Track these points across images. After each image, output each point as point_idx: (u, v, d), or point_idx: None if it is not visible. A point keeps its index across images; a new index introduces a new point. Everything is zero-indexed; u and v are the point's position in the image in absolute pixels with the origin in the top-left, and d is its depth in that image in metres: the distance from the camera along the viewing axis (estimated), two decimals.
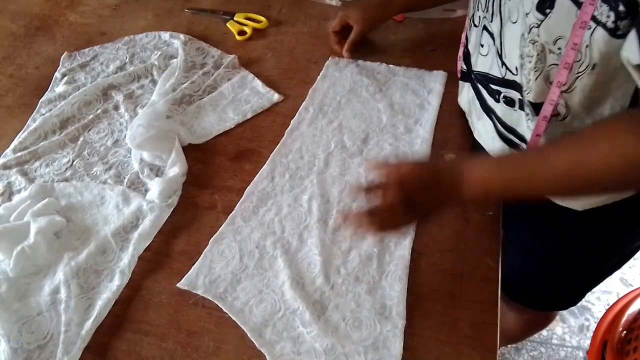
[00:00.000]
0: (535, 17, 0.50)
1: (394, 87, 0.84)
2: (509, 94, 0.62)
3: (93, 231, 0.68)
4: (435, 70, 0.86)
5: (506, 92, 0.62)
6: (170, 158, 0.74)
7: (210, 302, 0.62)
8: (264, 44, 0.95)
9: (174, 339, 0.60)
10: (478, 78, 0.68)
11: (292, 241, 0.66)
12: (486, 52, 0.64)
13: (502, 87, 0.63)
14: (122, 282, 0.63)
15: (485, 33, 0.63)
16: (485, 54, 0.64)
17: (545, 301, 0.90)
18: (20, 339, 0.59)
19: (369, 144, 0.76)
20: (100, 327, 0.60)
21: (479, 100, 0.70)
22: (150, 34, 0.97)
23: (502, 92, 0.63)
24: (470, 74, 0.71)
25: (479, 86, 0.68)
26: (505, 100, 0.63)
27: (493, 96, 0.65)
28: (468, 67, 0.71)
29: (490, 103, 0.67)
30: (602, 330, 1.06)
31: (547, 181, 0.51)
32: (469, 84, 0.73)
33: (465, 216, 0.67)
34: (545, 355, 1.33)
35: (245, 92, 0.86)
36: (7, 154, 0.79)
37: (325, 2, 1.03)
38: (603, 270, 0.81)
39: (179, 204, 0.71)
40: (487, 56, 0.64)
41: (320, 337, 0.57)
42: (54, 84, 0.89)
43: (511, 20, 0.56)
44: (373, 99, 0.82)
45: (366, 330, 0.58)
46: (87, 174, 0.76)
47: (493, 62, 0.62)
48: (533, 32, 0.51)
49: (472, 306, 0.60)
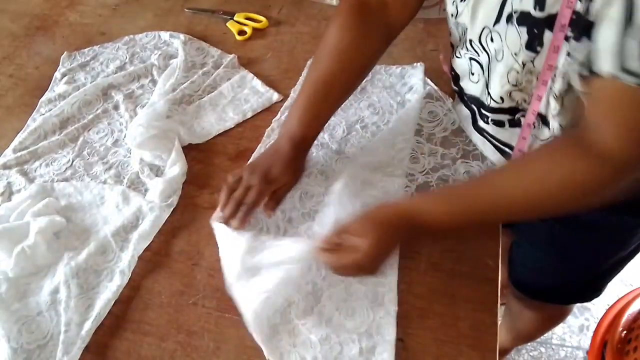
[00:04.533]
0: (526, 55, 0.53)
1: (375, 86, 0.84)
2: (497, 117, 0.64)
3: (93, 231, 0.68)
4: (415, 64, 0.86)
5: (494, 116, 0.64)
6: (170, 158, 0.74)
7: (210, 302, 0.62)
8: (264, 43, 0.95)
9: (174, 339, 0.60)
10: (470, 100, 0.68)
11: (279, 234, 0.66)
12: (477, 79, 0.64)
13: (490, 112, 0.64)
14: (122, 282, 0.63)
15: (475, 63, 0.63)
16: (476, 82, 0.64)
17: (567, 295, 0.89)
18: (20, 339, 0.59)
19: (350, 141, 0.77)
20: (100, 327, 0.60)
21: (472, 119, 0.71)
22: (150, 34, 0.97)
23: (489, 116, 0.65)
24: (462, 95, 0.71)
25: (472, 106, 0.69)
26: (494, 122, 0.65)
27: (482, 119, 0.67)
28: (460, 89, 0.71)
29: (480, 124, 0.69)
30: (602, 330, 1.06)
31: (488, 208, 0.54)
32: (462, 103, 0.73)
33: None
34: (545, 355, 1.33)
35: (245, 92, 0.86)
36: (7, 154, 0.79)
37: (325, 2, 1.03)
38: (623, 257, 0.80)
39: (179, 204, 0.71)
40: (477, 83, 0.64)
41: (315, 327, 0.58)
42: (54, 84, 0.89)
43: (497, 59, 0.57)
44: (354, 98, 0.82)
45: (359, 318, 0.59)
46: (87, 174, 0.76)
47: (483, 90, 0.63)
48: (527, 66, 0.54)
49: (472, 306, 0.60)
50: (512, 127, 0.63)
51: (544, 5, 0.48)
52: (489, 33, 0.56)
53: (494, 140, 0.68)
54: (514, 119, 0.62)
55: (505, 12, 0.53)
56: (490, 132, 0.67)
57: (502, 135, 0.66)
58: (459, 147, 0.74)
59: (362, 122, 0.79)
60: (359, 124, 0.79)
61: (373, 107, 0.81)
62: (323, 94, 0.67)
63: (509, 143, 0.66)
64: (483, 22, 0.56)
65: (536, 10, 0.49)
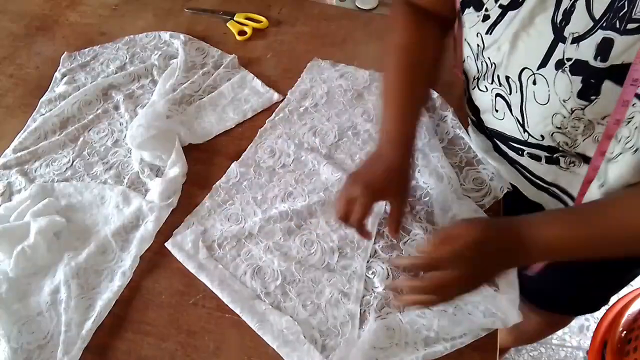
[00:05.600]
0: (577, 102, 0.50)
1: (371, 93, 0.84)
2: (534, 152, 0.60)
3: (93, 231, 0.68)
4: None
5: (530, 150, 0.61)
6: (170, 158, 0.74)
7: (211, 302, 0.62)
8: (264, 44, 0.95)
9: (174, 339, 0.60)
10: (495, 135, 0.65)
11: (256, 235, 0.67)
12: (502, 116, 0.61)
13: (526, 147, 0.61)
14: (122, 282, 0.63)
15: (500, 100, 0.59)
16: (502, 119, 0.61)
17: (573, 306, 0.88)
18: (20, 339, 0.59)
19: (340, 147, 0.77)
20: (100, 327, 0.60)
21: (496, 151, 0.68)
22: (150, 34, 0.97)
23: (525, 150, 0.61)
24: (481, 125, 0.68)
25: (495, 141, 0.66)
26: (530, 155, 0.62)
27: (515, 151, 0.64)
28: (478, 120, 0.67)
29: (512, 155, 0.65)
30: (602, 330, 1.06)
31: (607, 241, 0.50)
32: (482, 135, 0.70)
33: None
34: (545, 355, 1.33)
35: (245, 92, 0.86)
36: (7, 154, 0.79)
37: (326, 2, 1.03)
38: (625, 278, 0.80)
39: (179, 204, 0.71)
40: (503, 120, 0.61)
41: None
42: (54, 84, 0.89)
43: (537, 102, 0.54)
44: (349, 104, 0.82)
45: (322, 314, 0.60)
46: (87, 174, 0.76)
47: (513, 127, 0.60)
48: (576, 113, 0.51)
49: None
50: (547, 164, 0.60)
51: (607, 57, 0.45)
52: (532, 75, 0.53)
53: (525, 172, 0.65)
54: (552, 157, 0.59)
55: (555, 57, 0.50)
56: (525, 164, 0.64)
57: (537, 168, 0.63)
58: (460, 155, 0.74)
59: (354, 128, 0.79)
60: (351, 130, 0.79)
61: (367, 114, 0.81)
62: (409, 90, 0.63)
63: (543, 177, 0.63)
64: (523, 63, 0.53)
65: (596, 60, 0.46)
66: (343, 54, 0.92)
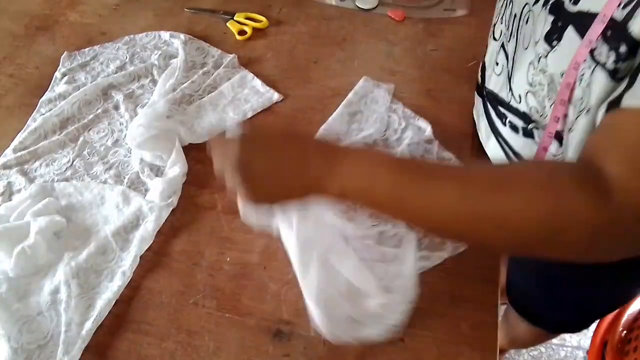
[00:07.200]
0: (543, 47, 0.49)
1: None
2: (514, 120, 0.60)
3: (93, 231, 0.68)
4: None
5: (511, 117, 0.60)
6: (170, 158, 0.74)
7: (211, 302, 0.62)
8: (264, 43, 0.95)
9: (174, 339, 0.60)
10: (489, 97, 0.66)
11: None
12: (499, 71, 0.61)
13: (508, 111, 0.61)
14: (122, 282, 0.63)
15: (502, 52, 0.60)
16: (499, 73, 0.62)
17: (554, 324, 0.88)
18: (20, 339, 0.59)
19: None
20: (101, 327, 0.60)
21: (487, 119, 0.67)
22: (150, 34, 0.97)
23: (507, 116, 0.61)
24: (482, 89, 0.68)
25: (488, 105, 0.66)
26: (510, 125, 0.61)
27: (500, 118, 0.63)
28: (482, 81, 0.68)
29: (497, 125, 0.64)
30: (602, 330, 1.06)
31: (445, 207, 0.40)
32: (480, 99, 0.71)
33: None
34: (545, 355, 1.33)
35: (245, 92, 0.86)
36: (7, 153, 0.79)
37: (326, 2, 1.03)
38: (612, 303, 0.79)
39: (179, 204, 0.71)
40: (500, 75, 0.61)
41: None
42: (54, 84, 0.89)
43: (523, 46, 0.54)
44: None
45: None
46: (87, 173, 0.76)
47: (504, 84, 0.60)
48: (542, 61, 0.50)
49: (472, 306, 0.60)
50: (524, 137, 0.59)
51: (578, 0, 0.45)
52: (528, 13, 0.53)
53: (507, 149, 0.64)
54: (527, 129, 0.58)
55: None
56: (506, 137, 0.63)
57: (516, 142, 0.61)
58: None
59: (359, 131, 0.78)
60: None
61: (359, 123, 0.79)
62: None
63: (520, 153, 0.61)
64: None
65: (570, 3, 0.46)
66: (343, 54, 0.92)
